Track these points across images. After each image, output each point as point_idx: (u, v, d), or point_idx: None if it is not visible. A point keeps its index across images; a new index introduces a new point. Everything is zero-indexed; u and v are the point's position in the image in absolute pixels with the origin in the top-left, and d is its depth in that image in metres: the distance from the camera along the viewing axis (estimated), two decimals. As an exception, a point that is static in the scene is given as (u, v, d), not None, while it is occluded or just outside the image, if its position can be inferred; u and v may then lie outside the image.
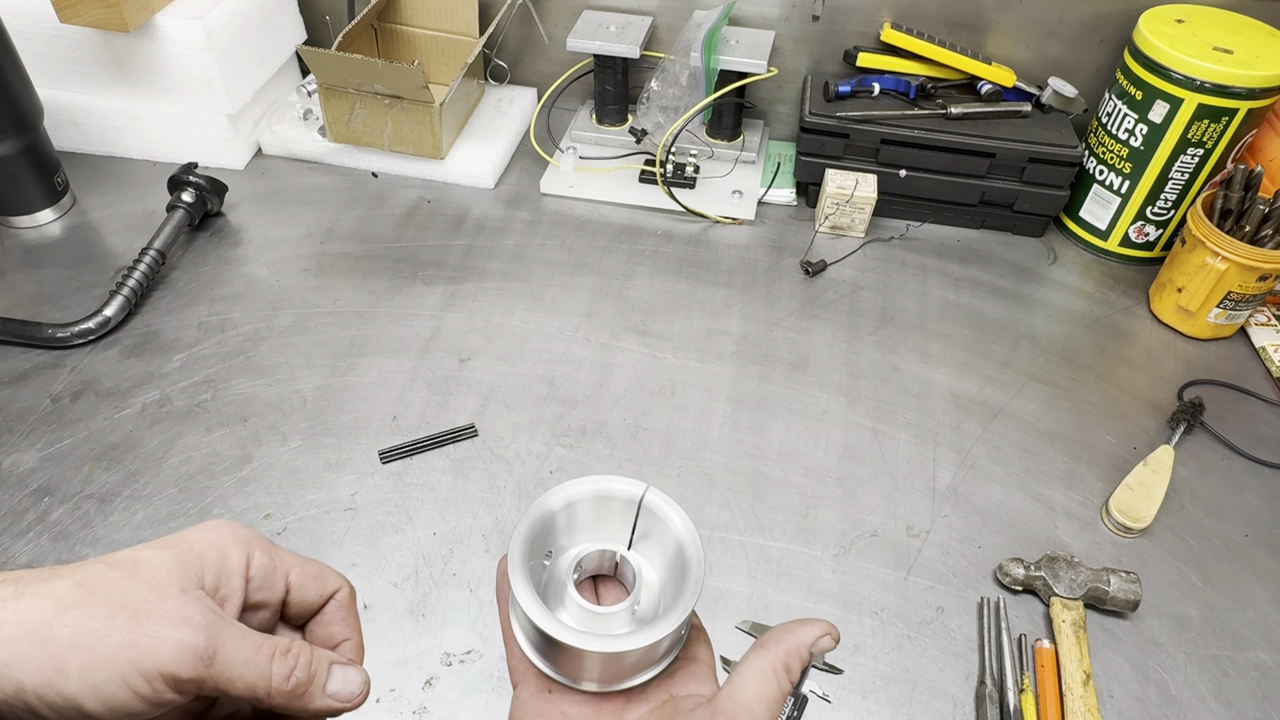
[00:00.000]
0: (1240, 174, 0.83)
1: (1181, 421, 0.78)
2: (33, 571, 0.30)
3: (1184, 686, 0.62)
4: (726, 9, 1.00)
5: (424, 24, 1.09)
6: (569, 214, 0.99)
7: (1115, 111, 0.91)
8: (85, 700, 0.28)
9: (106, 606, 0.29)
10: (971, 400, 0.81)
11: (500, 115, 1.09)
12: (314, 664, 0.33)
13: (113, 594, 0.30)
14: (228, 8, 0.94)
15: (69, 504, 0.68)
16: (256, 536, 0.35)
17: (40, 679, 0.28)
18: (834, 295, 0.91)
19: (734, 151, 1.04)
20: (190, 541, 0.33)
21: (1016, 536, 0.70)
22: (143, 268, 0.84)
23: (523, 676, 0.39)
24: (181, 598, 0.30)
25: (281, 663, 0.32)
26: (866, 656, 0.62)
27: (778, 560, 0.67)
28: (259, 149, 1.05)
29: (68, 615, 0.29)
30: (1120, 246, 0.97)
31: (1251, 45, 0.85)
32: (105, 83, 0.97)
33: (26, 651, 0.28)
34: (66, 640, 0.28)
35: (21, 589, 0.29)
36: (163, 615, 0.29)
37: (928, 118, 0.96)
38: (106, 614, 0.29)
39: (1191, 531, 0.71)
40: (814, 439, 0.76)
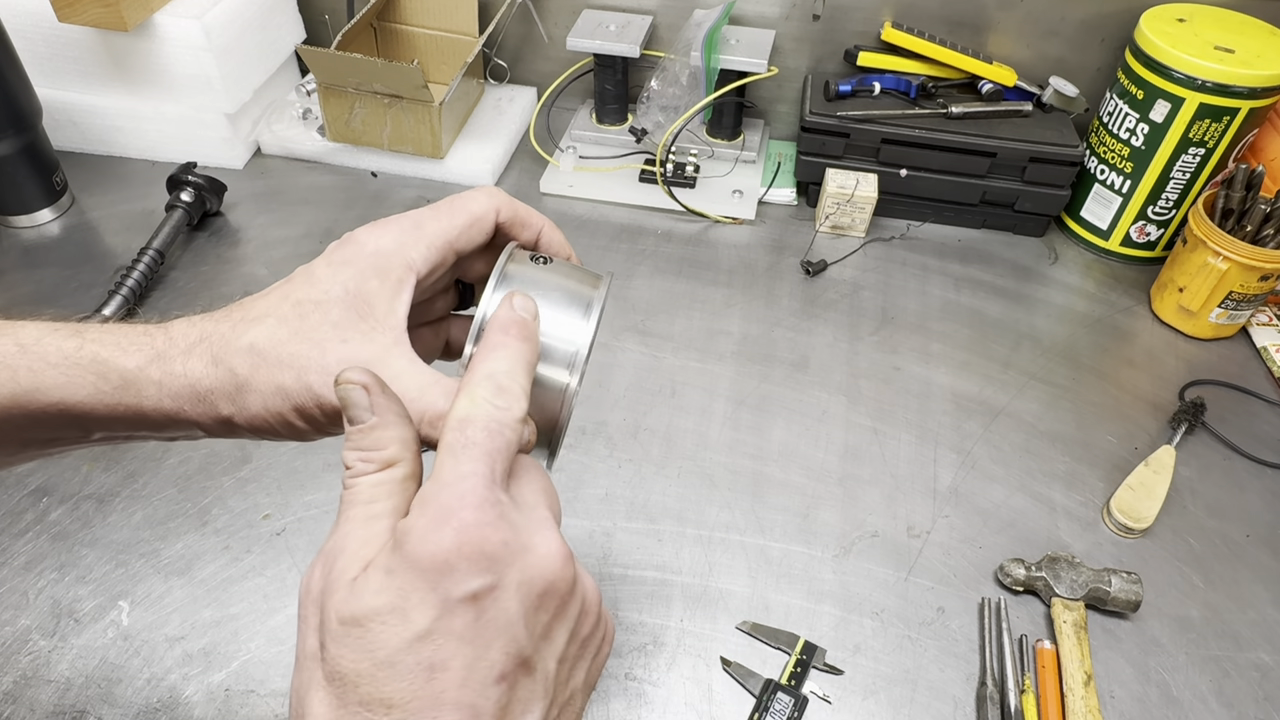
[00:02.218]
0: (1242, 174, 0.83)
1: (1183, 422, 0.78)
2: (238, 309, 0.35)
3: (1185, 687, 0.61)
4: (727, 8, 1.00)
5: (423, 23, 1.08)
6: (569, 213, 0.99)
7: (1116, 111, 0.91)
8: (241, 423, 0.34)
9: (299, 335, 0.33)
10: (972, 400, 0.80)
11: (500, 115, 1.09)
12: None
13: (305, 324, 0.34)
14: (227, 7, 0.94)
15: (67, 504, 0.68)
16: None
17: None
18: (834, 295, 0.91)
19: (734, 151, 1.04)
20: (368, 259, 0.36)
21: (1017, 537, 0.70)
22: (141, 267, 0.84)
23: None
24: (346, 345, 0.33)
25: (431, 430, 0.33)
26: (867, 657, 0.62)
27: (778, 561, 0.67)
28: (258, 148, 1.05)
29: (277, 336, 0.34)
30: (1121, 246, 0.97)
31: (1253, 45, 0.85)
32: (104, 82, 0.97)
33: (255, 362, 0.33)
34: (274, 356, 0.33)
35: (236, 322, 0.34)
36: (325, 362, 0.33)
37: (928, 117, 0.96)
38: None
39: (1193, 532, 0.71)
40: (814, 439, 0.76)
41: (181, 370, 0.34)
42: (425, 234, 0.36)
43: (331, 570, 0.29)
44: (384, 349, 0.33)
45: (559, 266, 0.39)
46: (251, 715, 0.57)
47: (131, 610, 0.62)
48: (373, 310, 0.34)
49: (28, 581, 0.63)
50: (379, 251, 0.35)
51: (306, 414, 0.33)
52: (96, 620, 0.61)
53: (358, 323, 0.33)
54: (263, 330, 0.33)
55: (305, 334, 0.33)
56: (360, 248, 0.35)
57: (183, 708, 0.57)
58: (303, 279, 0.35)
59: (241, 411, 0.33)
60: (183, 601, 0.62)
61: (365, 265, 0.35)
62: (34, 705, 0.56)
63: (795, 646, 0.62)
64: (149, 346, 0.34)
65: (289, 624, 0.61)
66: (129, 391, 0.34)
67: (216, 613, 0.62)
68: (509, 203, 0.39)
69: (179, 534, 0.66)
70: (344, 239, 0.36)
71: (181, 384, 0.33)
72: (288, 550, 0.66)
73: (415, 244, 0.36)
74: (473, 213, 0.37)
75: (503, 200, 0.39)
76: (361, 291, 0.34)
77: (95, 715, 0.56)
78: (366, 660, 0.26)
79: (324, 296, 0.34)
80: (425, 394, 0.32)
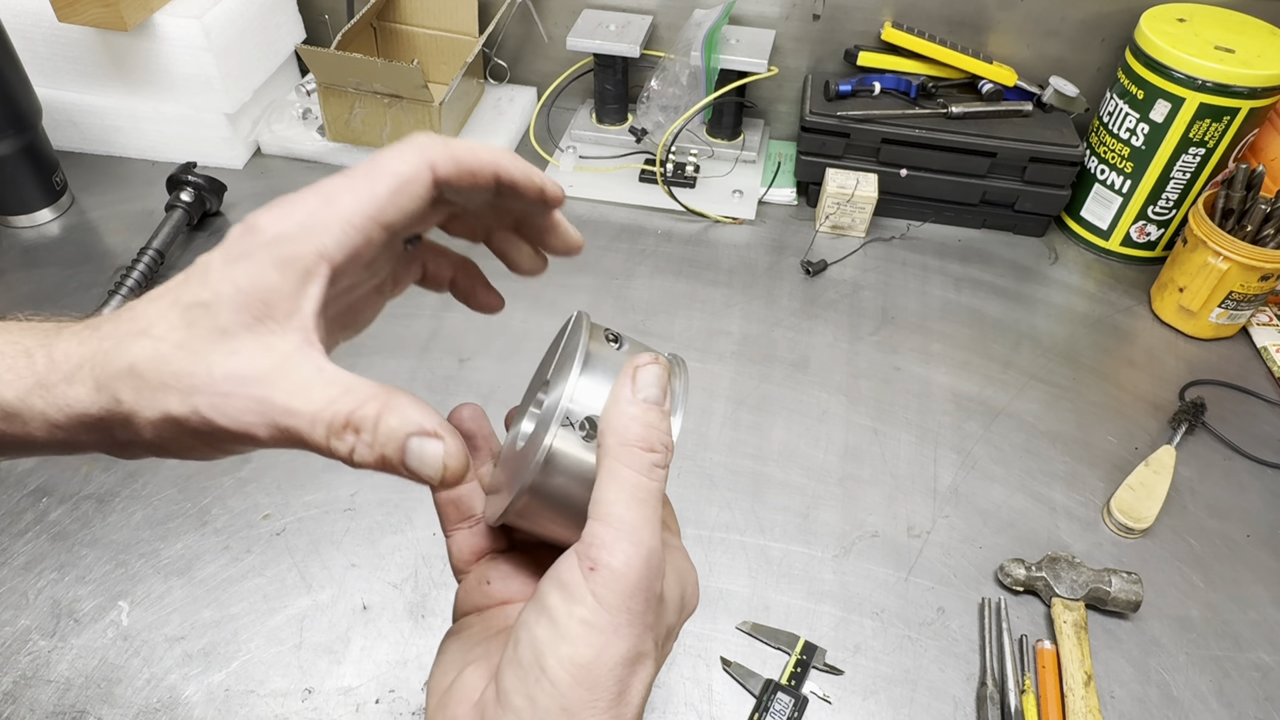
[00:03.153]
0: (1242, 173, 0.83)
1: (1183, 422, 0.78)
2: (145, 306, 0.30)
3: (1185, 687, 0.61)
4: (727, 8, 1.00)
5: (423, 23, 1.08)
6: (569, 213, 0.98)
7: (1116, 111, 0.91)
8: (138, 449, 0.30)
9: (196, 335, 0.29)
10: (972, 400, 0.80)
11: (500, 114, 1.09)
12: (378, 445, 0.28)
13: (192, 334, 0.29)
14: (226, 7, 0.94)
15: (67, 504, 0.68)
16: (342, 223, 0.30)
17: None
18: (835, 295, 0.91)
19: (734, 151, 1.04)
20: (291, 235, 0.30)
21: (1018, 537, 0.70)
22: (141, 267, 0.84)
23: (468, 564, 0.38)
24: (236, 356, 0.28)
25: (338, 443, 0.28)
26: (867, 657, 0.62)
27: (778, 561, 0.67)
28: (258, 148, 1.05)
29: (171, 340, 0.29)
30: (1122, 246, 0.97)
31: (1253, 44, 0.85)
32: (104, 82, 0.97)
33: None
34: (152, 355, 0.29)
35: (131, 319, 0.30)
36: (212, 382, 0.28)
37: (929, 117, 0.96)
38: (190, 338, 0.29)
39: (1193, 532, 0.71)
40: (815, 439, 0.76)
41: (64, 401, 0.30)
42: (340, 211, 0.30)
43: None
44: (283, 358, 0.29)
45: (634, 348, 0.35)
46: (251, 715, 0.57)
47: (131, 610, 0.62)
48: (272, 310, 0.29)
49: (28, 581, 0.63)
50: (280, 238, 0.29)
51: (205, 438, 0.29)
52: (96, 620, 0.61)
53: (253, 326, 0.29)
54: (144, 347, 0.29)
55: (190, 346, 0.28)
56: (258, 235, 0.30)
57: (183, 708, 0.57)
58: (196, 276, 0.30)
59: (137, 439, 0.30)
60: (183, 601, 0.62)
61: (264, 257, 0.29)
62: (34, 705, 0.56)
63: (795, 646, 0.61)
64: (29, 373, 0.30)
65: (289, 624, 0.61)
66: (14, 423, 0.30)
67: (216, 613, 0.62)
68: (446, 153, 0.31)
69: (179, 534, 0.66)
70: (244, 224, 0.30)
71: (67, 414, 0.30)
72: (288, 550, 0.66)
73: (327, 226, 0.30)
74: (399, 174, 0.30)
75: (437, 151, 0.31)
76: (257, 288, 0.29)
77: (95, 715, 0.56)
78: None
79: (213, 298, 0.29)
80: (333, 405, 0.28)
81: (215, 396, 0.28)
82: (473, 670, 0.33)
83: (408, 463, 0.28)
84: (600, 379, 0.33)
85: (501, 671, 0.30)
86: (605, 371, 0.33)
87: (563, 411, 0.32)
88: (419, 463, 0.28)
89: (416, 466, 0.28)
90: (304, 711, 0.57)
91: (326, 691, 0.58)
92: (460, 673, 0.33)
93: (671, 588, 0.33)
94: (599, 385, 0.33)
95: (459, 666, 0.33)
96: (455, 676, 0.33)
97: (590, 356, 0.33)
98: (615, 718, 0.30)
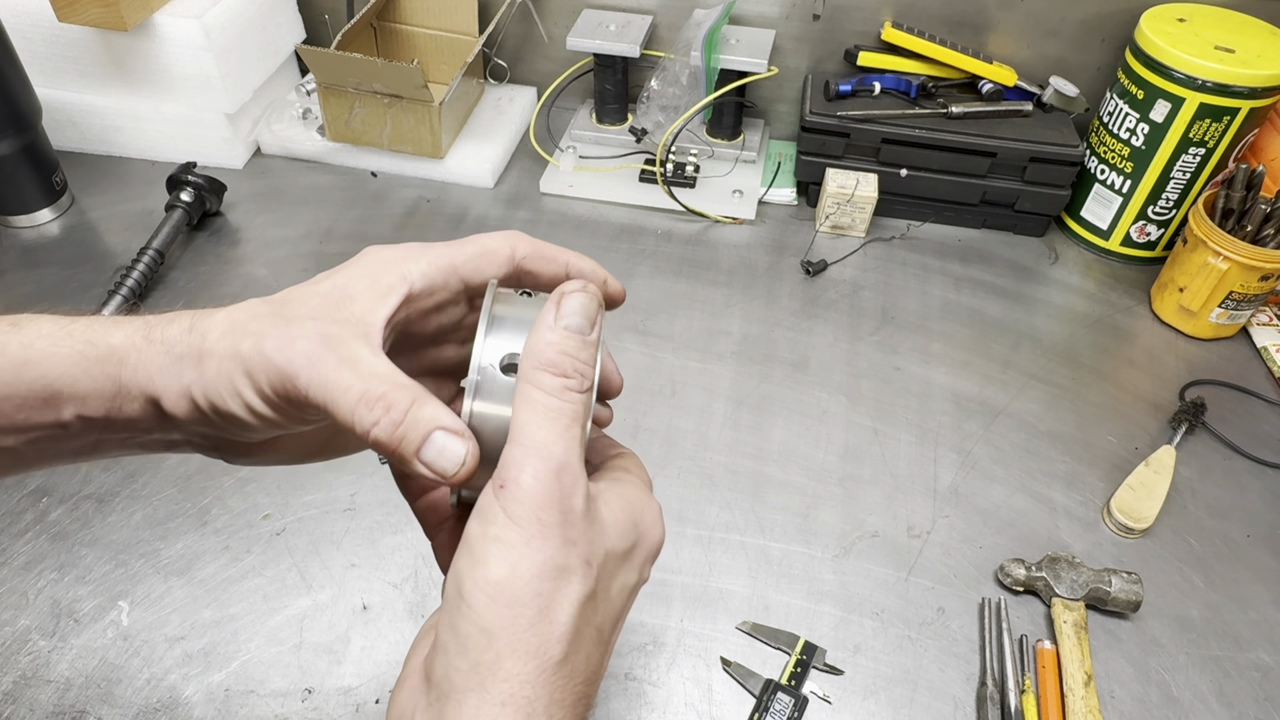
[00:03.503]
0: (1242, 173, 0.83)
1: (1183, 422, 0.78)
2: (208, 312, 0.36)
3: (1185, 687, 0.61)
4: (727, 8, 1.00)
5: (423, 23, 1.08)
6: (569, 213, 0.99)
7: (1117, 111, 0.91)
8: (199, 398, 0.34)
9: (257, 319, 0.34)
10: (973, 400, 0.80)
11: (500, 114, 1.09)
12: (403, 427, 0.31)
13: (285, 307, 0.34)
14: (226, 6, 0.94)
15: (67, 504, 0.68)
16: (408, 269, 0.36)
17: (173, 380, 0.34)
18: (835, 295, 0.91)
19: (734, 151, 1.04)
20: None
21: (1018, 537, 0.70)
22: (141, 267, 0.84)
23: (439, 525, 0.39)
24: (313, 321, 0.33)
25: (365, 410, 0.31)
26: (867, 657, 0.62)
27: (778, 561, 0.67)
28: (258, 148, 1.05)
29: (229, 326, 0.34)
30: (1122, 246, 0.97)
31: (1253, 44, 0.85)
32: (104, 82, 0.97)
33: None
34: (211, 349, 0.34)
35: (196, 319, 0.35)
36: (285, 331, 0.33)
37: (929, 117, 0.96)
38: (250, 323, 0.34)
39: (1193, 532, 0.71)
40: (815, 439, 0.76)
41: (160, 336, 0.35)
42: (429, 253, 0.36)
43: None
44: (349, 333, 0.33)
45: (544, 298, 0.37)
46: (251, 715, 0.57)
47: (131, 610, 0.62)
48: (351, 305, 0.34)
49: (28, 581, 0.63)
50: (377, 260, 0.36)
51: (255, 381, 0.33)
52: (96, 620, 0.61)
53: (332, 310, 0.33)
54: (243, 308, 0.34)
55: (280, 313, 0.34)
56: (362, 256, 0.36)
57: (182, 708, 0.57)
58: (304, 282, 0.36)
59: (200, 379, 0.33)
60: (182, 601, 0.62)
61: (360, 269, 0.35)
62: (34, 705, 0.56)
63: (795, 646, 0.61)
64: (141, 323, 0.35)
65: (289, 624, 0.61)
66: (111, 361, 0.34)
67: (216, 613, 0.62)
68: (530, 243, 0.38)
69: (179, 534, 0.66)
70: (358, 254, 0.37)
71: (158, 349, 0.34)
72: (288, 550, 0.66)
73: (416, 259, 0.36)
74: (484, 245, 0.37)
75: (522, 241, 0.38)
76: (347, 289, 0.34)
77: (95, 715, 0.56)
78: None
79: (310, 288, 0.35)
80: (372, 379, 0.32)
81: (283, 341, 0.32)
82: (432, 632, 0.33)
83: (423, 453, 0.31)
84: (509, 335, 0.34)
85: (437, 617, 0.31)
86: (515, 325, 0.34)
87: (472, 380, 0.33)
88: (437, 454, 0.31)
89: (433, 458, 0.31)
90: (304, 711, 0.57)
91: (326, 691, 0.58)
92: (423, 637, 0.34)
93: (616, 512, 0.33)
94: (508, 341, 0.34)
95: (430, 634, 0.34)
96: (418, 641, 0.34)
97: (495, 319, 0.34)
98: (539, 637, 0.29)
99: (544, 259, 0.38)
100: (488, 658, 0.29)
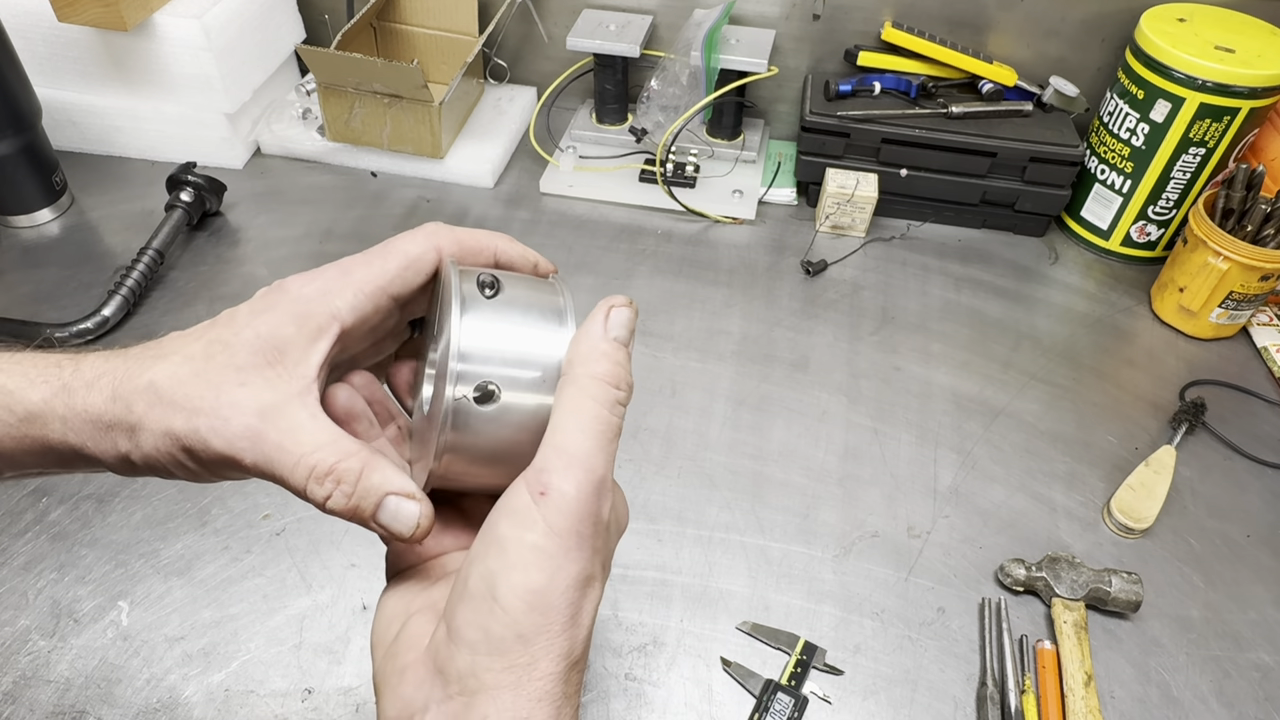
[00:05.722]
0: (1242, 173, 0.83)
1: (1183, 422, 0.78)
2: (153, 344, 0.35)
3: (1186, 687, 0.61)
4: (727, 8, 1.00)
5: (423, 23, 1.08)
6: (569, 213, 0.99)
7: (1117, 111, 0.91)
8: (138, 463, 0.33)
9: (206, 373, 0.33)
10: (973, 400, 0.80)
11: (500, 114, 1.09)
12: (355, 498, 0.32)
13: (210, 365, 0.33)
14: (226, 6, 0.94)
15: (67, 504, 0.68)
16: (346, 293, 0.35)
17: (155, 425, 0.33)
18: (835, 295, 0.91)
19: (734, 151, 1.04)
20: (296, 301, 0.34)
21: (1018, 537, 0.70)
22: (141, 267, 0.84)
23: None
24: (245, 389, 0.32)
25: (317, 486, 0.32)
26: (867, 657, 0.62)
27: (778, 561, 0.67)
28: (258, 148, 1.05)
29: (179, 377, 0.33)
30: (1122, 246, 0.97)
31: (1253, 44, 0.85)
32: (103, 82, 0.97)
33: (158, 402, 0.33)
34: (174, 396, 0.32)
35: (147, 359, 0.34)
36: (217, 406, 0.32)
37: (929, 117, 0.96)
38: (199, 379, 0.33)
39: (1193, 532, 0.71)
40: (815, 439, 0.76)
41: (83, 405, 0.33)
42: (353, 281, 0.34)
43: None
44: (285, 398, 0.32)
45: (511, 280, 0.36)
46: (251, 715, 0.57)
47: (131, 610, 0.62)
48: (283, 357, 0.33)
49: (27, 581, 0.63)
50: (301, 298, 0.34)
51: (196, 457, 0.32)
52: (96, 620, 0.61)
53: (263, 369, 0.32)
54: (165, 368, 0.33)
55: (206, 375, 0.32)
56: (283, 294, 0.34)
57: (182, 708, 0.57)
58: (224, 320, 0.34)
59: (137, 449, 0.33)
60: (182, 601, 0.62)
61: (284, 311, 0.33)
62: (34, 705, 0.56)
63: (795, 647, 0.61)
64: (56, 379, 0.34)
65: (288, 624, 0.61)
66: (34, 425, 0.33)
67: (216, 613, 0.62)
68: (450, 236, 0.37)
69: (179, 534, 0.66)
70: (274, 285, 0.35)
71: (84, 419, 0.33)
72: (288, 550, 0.66)
73: (341, 291, 0.34)
74: (407, 254, 0.36)
75: (443, 237, 0.37)
76: (274, 337, 0.33)
77: (95, 715, 0.56)
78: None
79: (234, 339, 0.33)
80: (318, 451, 0.32)
81: (217, 420, 0.32)
82: (418, 619, 0.33)
83: (379, 517, 0.32)
84: (482, 320, 0.34)
85: (451, 609, 0.31)
86: (485, 312, 0.34)
87: (454, 367, 0.32)
88: (392, 518, 0.32)
89: (388, 521, 0.32)
90: (304, 711, 0.57)
91: (326, 691, 0.58)
92: (405, 624, 0.33)
93: (613, 516, 0.34)
94: (483, 327, 0.33)
95: (402, 618, 0.34)
96: (400, 628, 0.33)
97: (466, 301, 0.34)
98: (569, 640, 0.30)
99: (470, 252, 0.37)
100: (523, 660, 0.29)
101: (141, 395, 0.32)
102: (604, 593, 0.33)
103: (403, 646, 0.33)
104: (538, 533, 0.30)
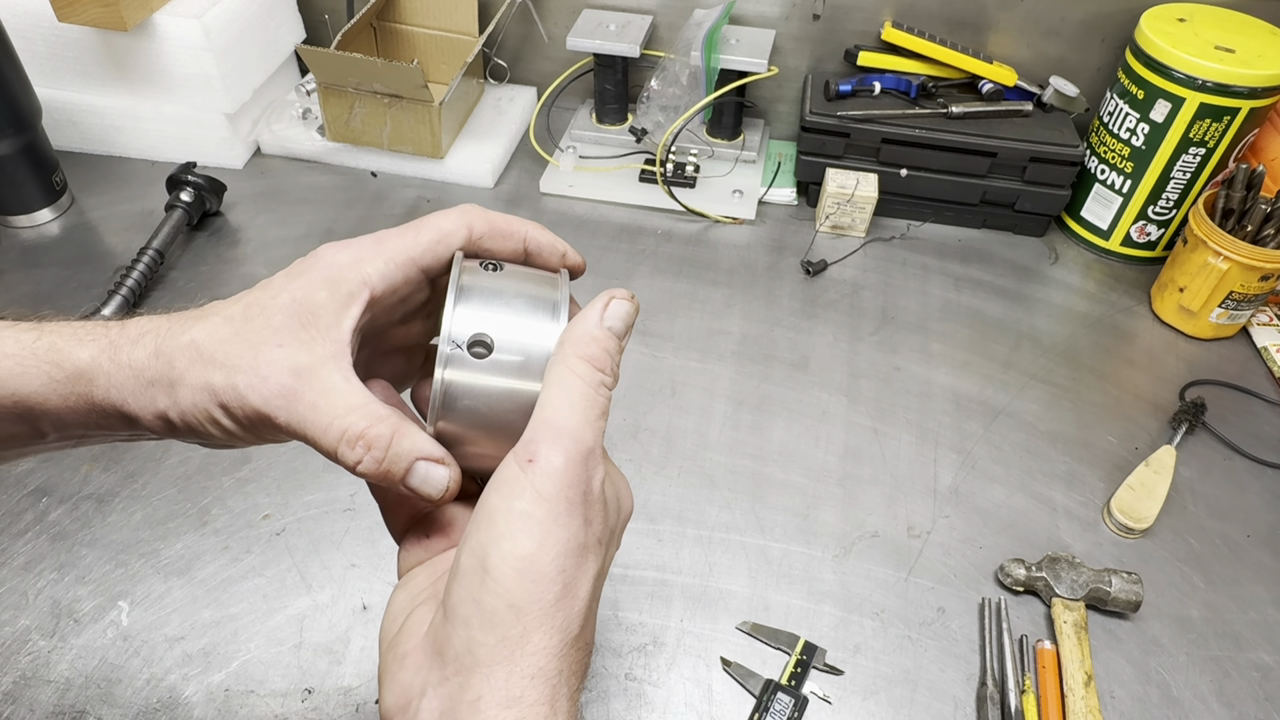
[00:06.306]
0: (1242, 173, 0.83)
1: (1183, 422, 0.78)
2: (203, 308, 0.36)
3: (1186, 687, 0.61)
4: (727, 8, 1.00)
5: (423, 23, 1.08)
6: (569, 213, 0.99)
7: (1117, 111, 0.91)
8: (175, 420, 0.34)
9: (239, 337, 0.34)
10: (973, 400, 0.80)
11: (500, 114, 1.09)
12: (386, 462, 0.32)
13: (249, 326, 0.34)
14: (226, 6, 0.94)
15: (67, 504, 0.68)
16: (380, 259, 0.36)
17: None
18: (835, 295, 0.91)
19: (734, 151, 1.04)
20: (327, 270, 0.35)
21: (1018, 537, 0.70)
22: (141, 267, 0.84)
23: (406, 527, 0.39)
24: (281, 349, 0.33)
25: (348, 450, 0.32)
26: (867, 657, 0.62)
27: (778, 561, 0.67)
28: (258, 148, 1.05)
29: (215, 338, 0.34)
30: (1122, 246, 0.97)
31: (1253, 44, 0.85)
32: (103, 82, 0.97)
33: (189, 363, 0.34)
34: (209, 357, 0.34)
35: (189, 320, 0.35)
36: (256, 364, 0.33)
37: (929, 117, 0.96)
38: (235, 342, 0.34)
39: (1193, 532, 0.71)
40: (815, 439, 0.76)
41: (127, 359, 0.34)
42: (385, 250, 0.36)
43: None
44: (319, 360, 0.33)
45: (512, 271, 0.37)
46: (251, 715, 0.57)
47: (131, 610, 0.62)
48: (316, 320, 0.34)
49: (27, 581, 0.63)
50: (334, 264, 0.35)
51: (232, 414, 0.33)
52: (96, 620, 0.61)
53: (298, 330, 0.33)
54: (206, 327, 0.34)
55: (245, 335, 0.33)
56: (318, 260, 0.35)
57: (182, 708, 0.57)
58: (261, 286, 0.35)
59: (175, 405, 0.34)
60: (182, 601, 0.62)
61: (318, 276, 0.35)
62: (34, 705, 0.56)
63: (795, 647, 0.61)
64: (103, 338, 0.35)
65: (289, 624, 0.61)
66: (81, 382, 0.34)
67: (216, 613, 0.62)
68: (483, 218, 0.38)
69: (179, 534, 0.66)
70: (310, 254, 0.36)
71: (127, 374, 0.34)
72: (288, 550, 0.66)
73: (373, 259, 0.35)
74: (440, 229, 0.37)
75: (475, 216, 0.38)
76: (309, 301, 0.34)
77: (95, 715, 0.56)
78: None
79: (270, 302, 0.34)
80: (350, 414, 0.32)
81: (255, 377, 0.32)
82: (422, 610, 0.34)
83: (409, 481, 0.33)
84: (479, 304, 0.35)
85: (447, 589, 0.31)
86: (483, 296, 0.35)
87: (444, 352, 0.34)
88: (422, 482, 0.33)
89: (418, 485, 0.33)
90: (304, 711, 0.57)
91: (326, 691, 0.58)
92: (409, 615, 0.34)
93: (608, 491, 0.34)
94: (479, 311, 0.35)
95: (407, 611, 0.34)
96: (404, 620, 0.34)
97: (464, 289, 0.35)
98: (564, 612, 0.30)
99: (501, 235, 0.38)
100: (515, 632, 0.29)
101: (183, 352, 0.33)
102: (606, 580, 0.33)
103: (404, 636, 0.33)
104: (526, 499, 0.30)
